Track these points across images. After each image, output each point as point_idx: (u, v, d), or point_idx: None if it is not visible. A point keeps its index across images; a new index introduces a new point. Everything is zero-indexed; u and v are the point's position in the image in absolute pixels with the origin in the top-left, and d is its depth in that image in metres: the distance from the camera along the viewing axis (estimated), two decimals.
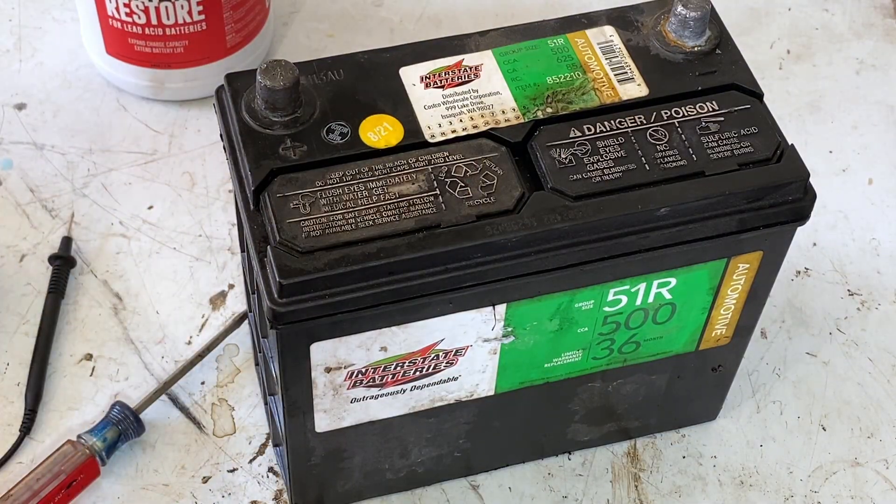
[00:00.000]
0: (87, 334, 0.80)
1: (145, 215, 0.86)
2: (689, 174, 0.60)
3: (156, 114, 0.91)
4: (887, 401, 0.79)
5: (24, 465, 0.74)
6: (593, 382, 0.70)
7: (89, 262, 0.83)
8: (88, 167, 0.88)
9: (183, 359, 0.79)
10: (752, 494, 0.75)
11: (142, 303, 0.81)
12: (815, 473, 0.76)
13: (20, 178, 0.87)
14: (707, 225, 0.60)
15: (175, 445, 0.75)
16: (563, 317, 0.63)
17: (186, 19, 0.85)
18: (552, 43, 0.66)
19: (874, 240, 0.87)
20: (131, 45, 0.87)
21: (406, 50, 0.65)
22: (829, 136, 0.93)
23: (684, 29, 0.65)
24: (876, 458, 0.77)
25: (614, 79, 0.64)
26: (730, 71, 0.65)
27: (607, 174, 0.60)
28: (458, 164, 0.60)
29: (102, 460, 0.73)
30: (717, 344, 0.70)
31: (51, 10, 0.98)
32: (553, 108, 0.63)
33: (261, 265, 0.58)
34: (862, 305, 0.84)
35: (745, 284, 0.66)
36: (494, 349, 0.64)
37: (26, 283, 0.82)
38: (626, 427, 0.76)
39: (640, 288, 0.63)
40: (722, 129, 0.62)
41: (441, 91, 0.63)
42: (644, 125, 0.62)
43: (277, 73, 0.60)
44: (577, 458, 0.76)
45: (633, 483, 0.75)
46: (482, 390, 0.67)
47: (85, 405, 0.77)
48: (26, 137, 0.90)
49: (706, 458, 0.76)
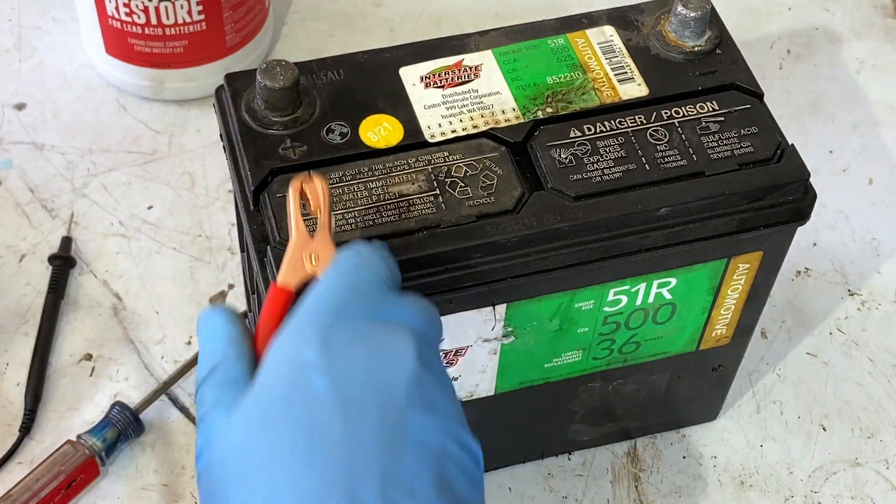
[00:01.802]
0: (87, 334, 0.80)
1: (145, 215, 0.86)
2: (690, 174, 0.60)
3: (155, 114, 0.91)
4: (887, 401, 0.79)
5: (23, 465, 0.74)
6: (593, 382, 0.70)
7: (89, 262, 0.83)
8: (88, 167, 0.88)
9: (183, 359, 0.79)
10: (753, 494, 0.75)
11: (142, 303, 0.81)
12: (816, 473, 0.76)
13: (20, 178, 0.87)
14: (707, 225, 0.60)
15: (175, 445, 0.75)
16: (563, 317, 0.63)
17: (186, 19, 0.85)
18: (552, 43, 0.66)
19: (874, 240, 0.87)
20: (131, 45, 0.87)
21: (406, 50, 0.65)
22: (830, 136, 0.93)
23: (684, 29, 0.65)
24: (876, 459, 0.77)
25: (614, 79, 0.64)
26: (730, 71, 0.65)
27: (607, 174, 0.60)
28: (458, 164, 0.60)
29: (102, 460, 0.72)
30: (717, 344, 0.70)
31: (51, 10, 0.98)
32: (553, 108, 0.63)
33: (261, 265, 0.58)
34: (862, 305, 0.84)
35: (745, 284, 0.65)
36: (494, 349, 0.64)
37: (26, 283, 0.82)
38: (626, 427, 0.76)
39: (640, 288, 0.63)
40: (722, 129, 0.62)
41: (441, 91, 0.63)
42: (644, 125, 0.62)
43: (277, 73, 0.60)
44: (578, 458, 0.76)
45: (634, 483, 0.75)
46: (482, 390, 0.67)
47: (85, 405, 0.77)
48: (26, 137, 0.90)
49: (706, 458, 0.76)
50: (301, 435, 0.45)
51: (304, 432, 0.45)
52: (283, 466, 0.44)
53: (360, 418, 0.45)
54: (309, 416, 0.45)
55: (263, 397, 0.46)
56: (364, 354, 0.47)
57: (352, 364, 0.46)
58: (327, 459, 0.44)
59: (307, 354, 0.47)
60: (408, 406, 0.46)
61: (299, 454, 0.44)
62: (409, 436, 0.46)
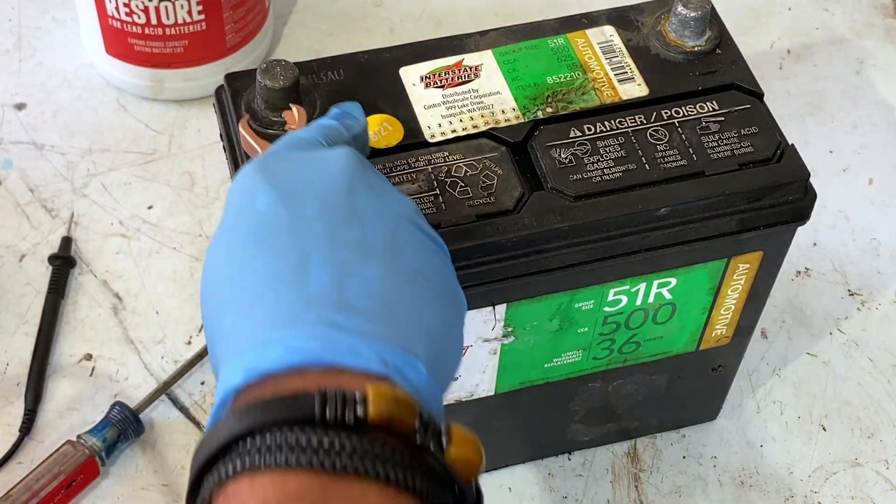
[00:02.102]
0: (87, 334, 0.80)
1: (145, 215, 0.86)
2: (690, 174, 0.60)
3: (155, 114, 0.91)
4: (888, 401, 0.79)
5: (23, 465, 0.74)
6: (593, 382, 0.70)
7: (89, 262, 0.83)
8: (88, 167, 0.88)
9: (183, 359, 0.79)
10: (753, 495, 0.75)
11: (142, 303, 0.81)
12: (816, 474, 0.76)
13: (20, 178, 0.87)
14: (707, 225, 0.60)
15: (175, 445, 0.75)
16: (563, 317, 0.63)
17: (186, 19, 0.85)
18: (552, 43, 0.66)
19: (874, 240, 0.87)
20: (131, 44, 0.87)
21: (406, 50, 0.65)
22: (830, 136, 0.93)
23: (684, 29, 0.65)
24: (876, 459, 0.77)
25: (614, 79, 0.64)
26: (730, 71, 0.65)
27: (607, 174, 0.60)
28: (458, 164, 0.60)
29: (102, 460, 0.72)
30: (717, 344, 0.70)
31: (51, 10, 0.98)
32: (553, 108, 0.63)
33: None
34: (862, 305, 0.84)
35: (745, 284, 0.65)
36: (494, 349, 0.64)
37: (26, 283, 0.82)
38: (626, 427, 0.76)
39: (640, 288, 0.63)
40: (722, 128, 0.62)
41: (441, 91, 0.63)
42: (644, 125, 0.62)
43: (277, 73, 0.60)
44: (578, 458, 0.76)
45: (634, 483, 0.75)
46: (482, 390, 0.67)
47: (85, 405, 0.77)
48: (26, 137, 0.90)
49: (706, 458, 0.76)
50: (251, 233, 0.47)
51: (253, 230, 0.47)
52: (242, 260, 0.47)
53: (304, 206, 0.47)
54: (256, 221, 0.47)
55: (219, 230, 0.49)
56: (300, 167, 0.50)
57: (289, 175, 0.49)
58: (276, 242, 0.46)
59: (249, 182, 0.49)
60: (349, 194, 0.48)
61: (250, 245, 0.47)
62: (355, 214, 0.48)
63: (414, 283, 0.47)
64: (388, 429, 0.41)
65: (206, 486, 0.42)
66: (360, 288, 0.45)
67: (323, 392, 0.41)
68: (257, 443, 0.41)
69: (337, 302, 0.44)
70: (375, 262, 0.46)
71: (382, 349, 0.44)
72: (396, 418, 0.41)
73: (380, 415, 0.41)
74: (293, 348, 0.43)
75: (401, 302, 0.46)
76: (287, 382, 0.42)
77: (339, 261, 0.46)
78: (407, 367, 0.44)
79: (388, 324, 0.45)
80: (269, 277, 0.45)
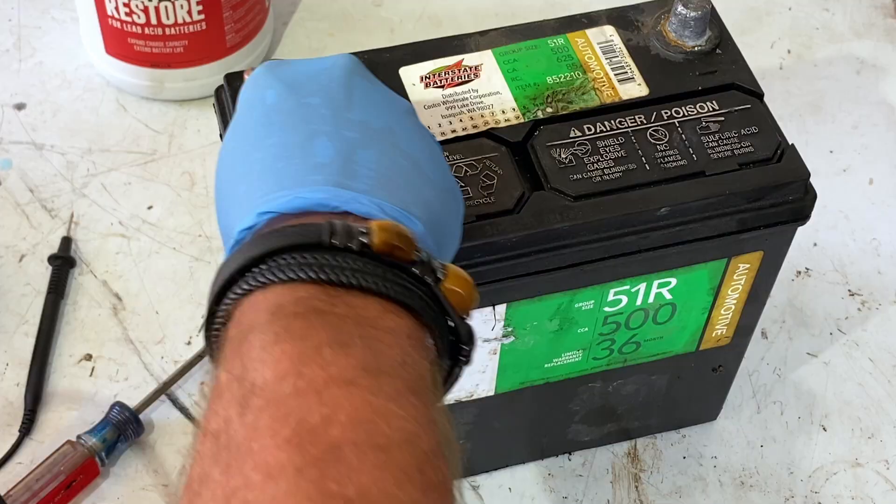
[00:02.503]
0: (87, 334, 0.80)
1: (145, 215, 0.86)
2: (690, 174, 0.60)
3: (155, 114, 0.91)
4: (888, 401, 0.79)
5: (23, 465, 0.74)
6: (593, 383, 0.70)
7: (89, 262, 0.83)
8: (88, 167, 0.88)
9: (183, 359, 0.79)
10: (753, 495, 0.75)
11: (142, 303, 0.81)
12: (816, 474, 0.76)
13: (20, 177, 0.87)
14: (707, 225, 0.60)
15: (175, 445, 0.75)
16: (563, 317, 0.63)
17: (186, 19, 0.85)
18: (552, 43, 0.66)
19: (875, 240, 0.87)
20: (131, 44, 0.87)
21: (406, 50, 0.65)
22: (830, 136, 0.93)
23: (684, 29, 0.65)
24: (876, 459, 0.77)
25: (614, 78, 0.64)
26: (730, 71, 0.65)
27: (607, 174, 0.60)
28: (457, 164, 0.60)
29: (102, 461, 0.72)
30: (717, 344, 0.70)
31: (51, 10, 0.98)
32: (553, 108, 0.63)
33: None
34: (862, 305, 0.84)
35: (745, 284, 0.65)
36: (494, 349, 0.64)
37: (26, 283, 0.82)
38: (626, 427, 0.76)
39: (640, 288, 0.63)
40: (722, 128, 0.62)
41: (441, 91, 0.63)
42: (644, 125, 0.62)
43: None
44: (578, 458, 0.76)
45: (634, 483, 0.75)
46: (482, 390, 0.67)
47: (85, 405, 0.77)
48: (26, 137, 0.90)
49: (706, 458, 0.76)
50: (261, 119, 0.51)
51: (263, 117, 0.51)
52: (255, 140, 0.51)
53: (310, 95, 0.52)
54: (266, 110, 0.52)
55: (232, 123, 0.54)
56: (306, 67, 0.54)
57: (295, 74, 0.53)
58: (285, 123, 0.51)
59: (260, 80, 0.54)
60: (350, 87, 0.53)
61: (261, 128, 0.51)
62: (357, 103, 0.52)
63: (413, 165, 0.51)
64: (390, 258, 0.45)
65: (222, 308, 0.46)
66: (363, 161, 0.49)
67: (331, 223, 0.45)
68: (270, 265, 0.45)
69: (341, 169, 0.48)
70: (377, 142, 0.50)
71: (383, 204, 0.48)
72: (398, 249, 0.45)
73: (383, 243, 0.45)
74: (301, 197, 0.47)
75: (399, 176, 0.50)
76: (297, 219, 0.47)
77: (345, 138, 0.50)
78: (405, 220, 0.48)
79: (388, 191, 0.49)
80: (279, 151, 0.49)
